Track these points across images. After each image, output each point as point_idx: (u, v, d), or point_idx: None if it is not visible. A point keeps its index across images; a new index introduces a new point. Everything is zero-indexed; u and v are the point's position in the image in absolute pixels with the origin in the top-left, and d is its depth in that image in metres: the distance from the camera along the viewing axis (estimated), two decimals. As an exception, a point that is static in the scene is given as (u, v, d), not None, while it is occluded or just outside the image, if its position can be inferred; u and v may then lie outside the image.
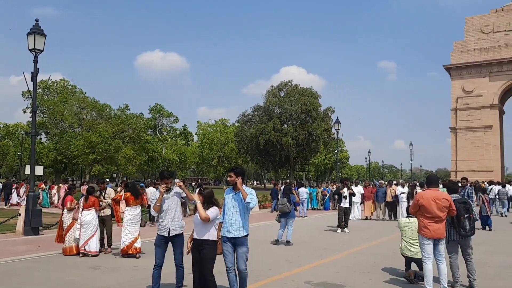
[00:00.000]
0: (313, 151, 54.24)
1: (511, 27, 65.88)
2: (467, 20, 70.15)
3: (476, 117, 67.01)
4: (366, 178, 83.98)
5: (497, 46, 66.16)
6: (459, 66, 68.25)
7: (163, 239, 6.53)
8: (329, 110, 53.81)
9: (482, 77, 66.92)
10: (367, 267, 9.20)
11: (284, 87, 54.75)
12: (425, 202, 6.99)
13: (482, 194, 17.62)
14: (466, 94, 67.76)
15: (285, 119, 52.82)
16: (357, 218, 20.03)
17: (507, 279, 8.25)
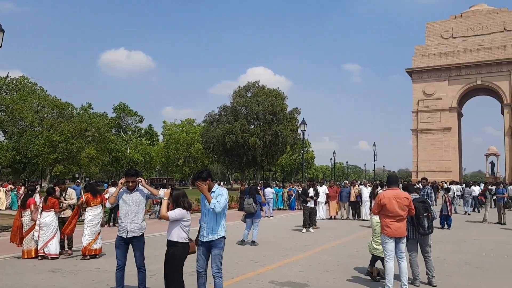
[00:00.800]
0: (279, 151, 54.53)
1: (469, 33, 68.51)
2: (428, 26, 72.46)
3: (436, 119, 69.30)
4: (331, 178, 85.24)
5: (456, 51, 68.65)
6: (420, 70, 70.41)
7: (122, 240, 6.39)
8: (296, 111, 54.27)
9: (442, 80, 69.29)
10: (331, 266, 9.32)
11: (251, 87, 54.80)
12: (387, 201, 7.13)
13: (446, 193, 18.20)
14: (426, 97, 69.96)
15: (252, 120, 52.87)
16: (322, 218, 20.27)
17: (464, 276, 8.54)
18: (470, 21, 69.00)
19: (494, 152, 79.87)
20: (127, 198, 6.48)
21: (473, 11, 70.91)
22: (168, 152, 72.13)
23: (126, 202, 6.45)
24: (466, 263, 9.80)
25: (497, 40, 66.46)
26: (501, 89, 65.88)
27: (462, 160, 79.11)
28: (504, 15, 67.08)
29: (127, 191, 6.52)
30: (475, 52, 67.31)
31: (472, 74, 67.49)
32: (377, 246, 8.14)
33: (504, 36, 66.13)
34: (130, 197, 6.49)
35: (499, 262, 10.00)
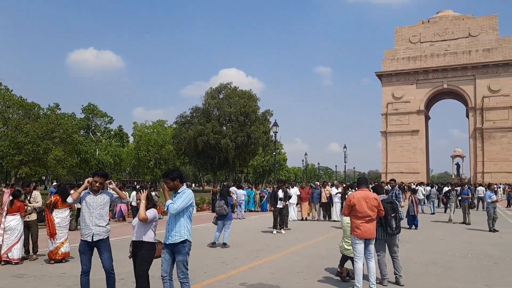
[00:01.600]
0: (251, 153, 54.54)
1: (436, 38, 70.45)
2: (397, 30, 74.11)
3: (404, 122, 70.89)
4: (303, 179, 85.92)
5: (423, 55, 70.46)
6: (389, 74, 71.91)
7: (87, 245, 6.18)
8: (268, 113, 54.43)
9: (410, 84, 70.97)
10: (302, 267, 9.37)
11: (223, 89, 54.62)
12: (356, 202, 7.27)
13: (413, 194, 18.60)
14: (395, 100, 71.48)
15: (224, 121, 52.71)
16: (293, 219, 20.39)
17: (430, 275, 8.75)
18: (437, 26, 70.96)
19: (459, 154, 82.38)
20: (91, 200, 6.27)
21: (439, 17, 72.96)
22: (138, 153, 71.14)
23: (91, 205, 6.25)
24: (433, 263, 10.03)
25: (462, 46, 68.57)
26: (466, 93, 67.96)
27: (430, 161, 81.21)
28: (469, 22, 69.28)
29: (92, 193, 6.33)
30: (441, 56, 69.23)
31: (439, 78, 69.39)
32: (348, 246, 8.22)
33: (469, 41, 68.29)
34: (95, 200, 6.30)
35: (464, 261, 10.29)
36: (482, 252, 11.59)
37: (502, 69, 65.51)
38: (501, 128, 64.87)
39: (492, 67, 65.81)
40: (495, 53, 66.16)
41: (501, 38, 67.10)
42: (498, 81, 65.47)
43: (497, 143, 65.01)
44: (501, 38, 67.10)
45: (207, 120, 50.79)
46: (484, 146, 65.75)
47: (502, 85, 65.23)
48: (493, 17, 68.82)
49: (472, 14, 70.90)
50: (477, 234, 15.86)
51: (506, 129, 64.67)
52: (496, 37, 67.31)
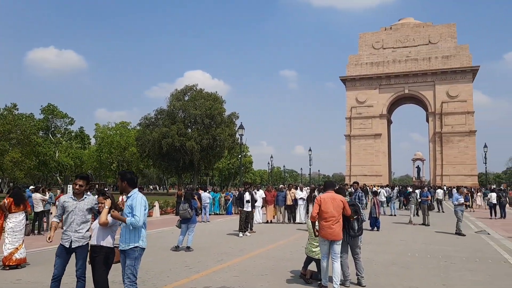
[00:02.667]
0: (217, 155, 54.28)
1: (398, 44, 72.46)
2: (361, 36, 75.76)
3: (367, 126, 72.47)
4: (268, 182, 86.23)
5: (386, 61, 72.32)
6: (353, 78, 73.39)
7: (64, 249, 6.04)
8: (234, 115, 54.35)
9: (373, 89, 72.66)
10: (266, 269, 9.36)
11: (189, 91, 54.15)
12: (323, 204, 7.52)
13: (374, 196, 18.96)
14: (359, 104, 73.00)
15: (189, 124, 52.22)
16: (259, 222, 20.39)
17: (391, 275, 8.92)
18: (399, 33, 73.00)
19: (420, 157, 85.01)
20: (73, 206, 6.12)
21: (401, 24, 75.09)
22: (100, 156, 69.35)
23: (72, 210, 6.09)
24: (393, 263, 10.24)
25: (423, 52, 70.82)
26: (426, 98, 70.19)
27: (391, 164, 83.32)
28: (429, 29, 71.66)
29: (75, 198, 6.16)
30: (403, 62, 71.24)
31: (401, 83, 71.36)
32: (313, 248, 8.29)
33: (429, 48, 70.61)
34: (77, 205, 6.12)
35: (423, 262, 10.56)
36: (440, 253, 11.94)
37: (459, 76, 68.07)
38: (458, 132, 67.34)
39: (450, 74, 68.28)
40: (453, 60, 68.69)
41: (459, 46, 69.74)
42: (456, 87, 67.95)
43: (455, 147, 67.42)
44: (459, 46, 69.74)
45: (172, 122, 50.16)
46: (443, 150, 68.03)
47: (460, 91, 67.75)
48: (451, 25, 71.44)
49: (432, 22, 73.42)
50: (436, 235, 16.33)
51: (463, 133, 67.18)
52: (454, 44, 69.89)
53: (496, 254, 11.96)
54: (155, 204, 24.23)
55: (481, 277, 8.91)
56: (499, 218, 24.76)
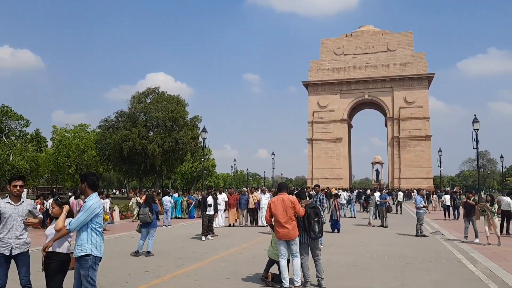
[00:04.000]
0: (179, 159, 53.65)
1: (358, 51, 74.24)
2: (323, 42, 77.11)
3: (329, 130, 73.74)
4: (231, 186, 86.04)
5: (347, 67, 73.91)
6: (315, 83, 74.53)
7: (4, 258, 5.76)
8: (197, 118, 53.90)
9: (335, 94, 74.04)
10: (228, 273, 9.32)
11: (151, 93, 53.30)
12: (273, 206, 7.79)
13: (335, 199, 19.27)
14: (321, 109, 74.19)
15: (151, 126, 51.39)
16: (221, 225, 20.30)
17: (350, 277, 9.10)
18: (359, 40, 74.81)
19: (379, 161, 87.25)
20: (11, 210, 5.84)
21: (361, 31, 77.01)
22: (58, 159, 66.99)
23: (11, 215, 5.82)
24: (353, 265, 10.44)
25: (382, 59, 72.88)
26: (385, 103, 72.20)
27: (352, 168, 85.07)
28: (387, 37, 73.85)
29: (12, 203, 5.88)
30: (363, 69, 73.04)
31: (361, 89, 73.11)
32: (276, 250, 8.32)
33: (388, 55, 72.75)
34: (16, 210, 5.85)
35: (381, 263, 10.83)
36: (398, 254, 12.28)
37: (416, 82, 70.48)
38: (415, 137, 69.64)
39: (407, 80, 70.56)
40: (411, 67, 71.05)
41: (415, 54, 72.21)
42: (413, 93, 70.28)
43: (412, 151, 69.66)
44: (416, 54, 72.22)
45: (133, 125, 49.16)
46: (400, 154, 70.12)
47: (416, 97, 70.11)
48: (409, 33, 73.90)
49: (390, 30, 75.71)
50: (394, 237, 16.78)
51: (419, 138, 69.52)
52: (411, 52, 72.30)
53: (450, 254, 12.42)
54: (115, 209, 23.66)
55: (435, 276, 9.22)
56: (453, 219, 25.72)
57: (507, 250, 13.30)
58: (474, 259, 11.41)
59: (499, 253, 12.58)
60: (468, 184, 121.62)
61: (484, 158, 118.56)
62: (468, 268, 10.23)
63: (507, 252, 12.88)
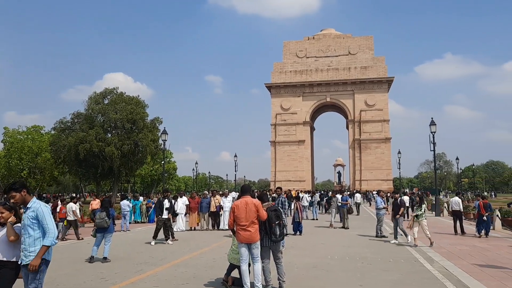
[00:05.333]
0: (139, 162, 52.49)
1: (320, 54, 75.31)
2: (285, 44, 77.73)
3: (292, 132, 74.33)
4: (193, 189, 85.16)
5: (309, 69, 74.82)
6: (278, 85, 74.98)
7: None
8: (157, 120, 52.88)
9: (297, 96, 74.76)
10: (187, 278, 9.10)
11: (109, 94, 51.81)
12: (237, 209, 7.65)
13: (297, 201, 19.29)
14: (284, 111, 74.70)
15: (109, 128, 49.95)
16: (182, 229, 19.94)
17: (311, 278, 9.05)
18: (321, 43, 75.94)
19: (340, 163, 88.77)
20: None
21: (323, 34, 78.21)
22: (9, 162, 63.98)
23: None
24: (314, 267, 10.42)
25: (343, 62, 74.26)
26: (346, 106, 73.57)
27: (314, 170, 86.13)
28: (348, 41, 75.34)
29: None
30: (325, 71, 74.16)
31: (323, 91, 74.17)
32: (236, 255, 8.18)
33: (349, 59, 74.22)
34: None
35: (342, 264, 10.86)
36: (358, 254, 12.38)
37: (376, 86, 72.22)
38: (375, 139, 71.32)
39: (368, 84, 72.20)
40: (371, 71, 72.77)
41: (375, 58, 74.02)
42: (373, 96, 71.98)
43: (372, 153, 71.29)
44: (376, 58, 74.03)
45: (90, 127, 47.64)
46: (361, 156, 71.61)
47: (377, 100, 71.85)
48: (369, 37, 75.70)
49: (351, 34, 77.28)
50: (355, 238, 16.96)
51: (380, 140, 71.24)
52: (371, 56, 74.06)
53: (408, 254, 12.63)
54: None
55: (394, 276, 9.32)
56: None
57: (462, 249, 13.68)
58: (431, 258, 11.64)
59: (454, 252, 12.91)
60: (426, 185, 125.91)
61: (441, 160, 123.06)
62: (425, 267, 10.42)
63: (462, 251, 13.26)
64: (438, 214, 30.16)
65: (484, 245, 14.56)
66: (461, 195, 20.72)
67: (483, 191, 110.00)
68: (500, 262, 11.18)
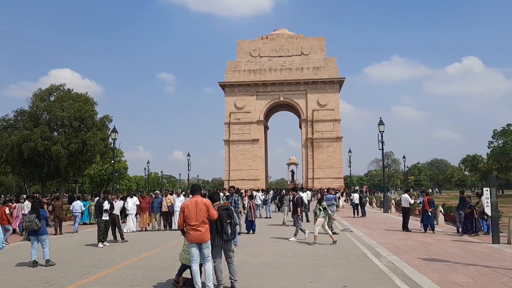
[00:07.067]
0: (87, 161, 50.77)
1: (274, 54, 75.91)
2: (239, 43, 77.75)
3: (246, 131, 74.46)
4: (145, 189, 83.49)
5: (263, 69, 75.23)
6: (231, 84, 74.87)
7: None
8: (107, 118, 51.29)
9: (251, 95, 74.97)
10: (137, 280, 8.89)
11: (55, 91, 49.71)
12: (187, 209, 7.58)
13: (250, 200, 19.33)
14: (237, 110, 74.69)
15: (56, 127, 47.93)
16: (132, 230, 19.47)
17: (264, 276, 9.08)
18: (274, 43, 76.56)
19: (294, 162, 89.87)
20: None
21: (276, 34, 78.88)
22: None
23: None
24: (266, 265, 10.46)
25: (296, 63, 75.24)
26: (299, 106, 74.59)
27: (268, 168, 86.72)
28: (301, 41, 76.42)
29: None
30: (278, 71, 74.83)
31: (276, 91, 74.79)
32: (187, 255, 8.07)
33: (302, 59, 75.28)
34: None
35: (294, 261, 10.98)
36: (310, 251, 12.57)
37: (328, 86, 73.70)
38: (327, 138, 72.80)
39: (320, 84, 73.55)
40: (323, 71, 74.18)
41: (327, 58, 75.51)
42: (325, 96, 73.42)
43: (324, 152, 72.74)
44: (328, 58, 75.53)
45: (34, 125, 45.51)
46: (314, 155, 72.87)
47: (328, 100, 73.36)
48: (321, 38, 77.13)
49: (304, 35, 78.40)
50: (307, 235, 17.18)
51: (331, 139, 72.79)
52: (323, 56, 75.50)
53: (357, 250, 12.97)
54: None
55: (344, 271, 9.52)
56: (361, 216, 27.12)
57: (408, 244, 14.21)
58: (379, 254, 12.01)
59: (401, 247, 13.39)
60: (375, 182, 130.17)
61: (389, 158, 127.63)
62: (373, 262, 10.72)
63: (408, 246, 13.77)
64: (386, 211, 31.26)
65: (428, 240, 15.21)
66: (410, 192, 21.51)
67: (428, 188, 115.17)
68: (442, 255, 11.71)
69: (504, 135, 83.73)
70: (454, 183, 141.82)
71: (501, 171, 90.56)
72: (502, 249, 12.70)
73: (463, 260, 10.85)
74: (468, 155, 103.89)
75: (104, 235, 15.02)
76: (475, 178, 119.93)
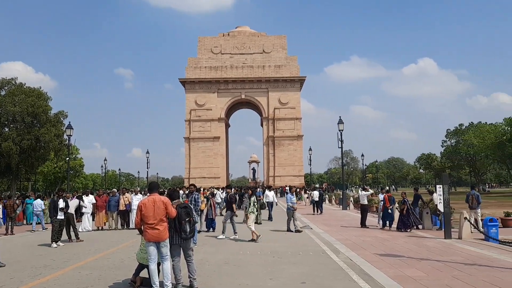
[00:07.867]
0: (41, 158, 48.86)
1: (235, 51, 75.80)
2: (200, 40, 77.12)
3: (206, 129, 74.03)
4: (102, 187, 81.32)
5: (224, 66, 74.98)
6: (192, 81, 74.17)
7: None
8: (62, 114, 49.50)
9: (212, 92, 74.58)
10: (92, 280, 8.64)
11: (6, 85, 47.55)
12: (144, 207, 7.45)
13: (211, 198, 19.19)
14: (198, 107, 74.11)
15: (7, 122, 45.83)
16: (88, 230, 18.92)
17: (223, 275, 9.03)
18: (236, 40, 76.45)
19: (255, 160, 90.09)
20: None
21: (238, 31, 78.80)
22: None
23: None
24: (226, 263, 10.41)
25: (258, 60, 75.44)
26: (261, 104, 74.91)
27: (229, 166, 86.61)
28: (263, 39, 76.70)
29: None
30: (240, 69, 74.79)
31: (238, 88, 74.74)
32: (145, 254, 7.93)
33: (263, 57, 75.57)
34: None
35: (254, 259, 11.00)
36: (270, 249, 12.62)
37: (289, 84, 74.40)
38: (288, 136, 73.51)
39: (281, 82, 74.14)
40: (284, 70, 74.79)
41: (289, 57, 76.19)
42: (287, 95, 74.08)
43: (286, 150, 73.42)
44: (289, 57, 76.21)
45: (-17, 120, 43.49)
46: (275, 153, 73.40)
47: (290, 98, 74.06)
48: (282, 37, 77.71)
49: (265, 33, 78.74)
50: (267, 233, 17.31)
51: (292, 137, 73.55)
52: (285, 55, 76.12)
53: (317, 246, 13.15)
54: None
55: (303, 268, 9.62)
56: (320, 214, 27.56)
57: (365, 240, 14.55)
58: (337, 250, 12.22)
59: (358, 243, 13.69)
60: (334, 180, 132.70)
61: (348, 157, 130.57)
62: (332, 258, 10.90)
63: (365, 242, 14.09)
64: (345, 208, 31.91)
65: (385, 236, 15.64)
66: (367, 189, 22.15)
67: (385, 185, 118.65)
68: (398, 251, 12.07)
69: (456, 134, 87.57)
70: (410, 181, 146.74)
71: (453, 169, 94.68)
72: (453, 244, 13.23)
73: (417, 255, 11.22)
74: (423, 153, 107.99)
75: (58, 234, 14.53)
76: (430, 176, 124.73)
